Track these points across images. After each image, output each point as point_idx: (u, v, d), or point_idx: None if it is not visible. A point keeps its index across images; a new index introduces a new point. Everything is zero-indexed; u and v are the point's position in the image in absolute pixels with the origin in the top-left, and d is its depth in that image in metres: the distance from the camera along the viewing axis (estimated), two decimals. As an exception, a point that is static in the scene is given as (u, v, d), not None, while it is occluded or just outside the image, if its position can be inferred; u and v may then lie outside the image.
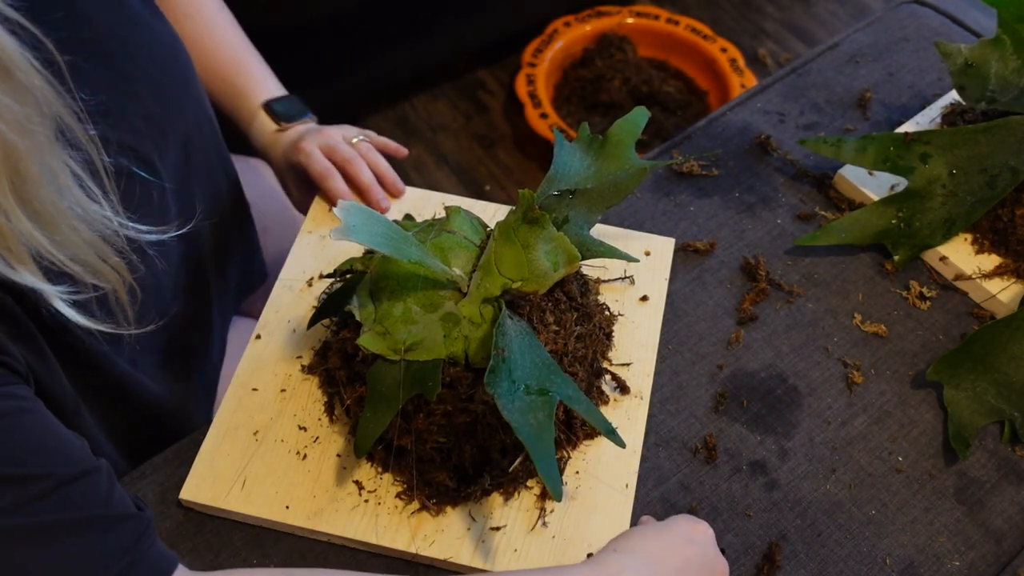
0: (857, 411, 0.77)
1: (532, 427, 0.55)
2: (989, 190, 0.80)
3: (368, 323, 0.63)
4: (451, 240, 0.66)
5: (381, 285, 0.64)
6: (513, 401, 0.56)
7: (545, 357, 0.61)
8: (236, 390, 0.73)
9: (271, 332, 0.76)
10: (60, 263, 0.52)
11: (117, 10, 0.68)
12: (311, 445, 0.70)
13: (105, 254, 0.56)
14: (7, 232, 0.48)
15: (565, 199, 0.71)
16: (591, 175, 0.73)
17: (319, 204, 0.86)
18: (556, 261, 0.65)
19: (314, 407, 0.72)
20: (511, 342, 0.60)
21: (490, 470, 0.67)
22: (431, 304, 0.63)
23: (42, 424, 0.53)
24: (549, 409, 0.57)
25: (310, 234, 0.84)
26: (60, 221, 0.51)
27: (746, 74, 1.74)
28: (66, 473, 0.51)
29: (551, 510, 0.68)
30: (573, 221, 0.71)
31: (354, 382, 0.68)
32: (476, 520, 0.67)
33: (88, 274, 0.55)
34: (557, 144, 0.74)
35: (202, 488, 0.68)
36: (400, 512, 0.67)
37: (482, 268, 0.65)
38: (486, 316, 0.63)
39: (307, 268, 0.81)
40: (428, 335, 0.62)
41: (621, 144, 0.73)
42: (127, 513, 0.53)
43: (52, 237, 0.51)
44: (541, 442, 0.55)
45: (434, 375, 0.61)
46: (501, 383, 0.56)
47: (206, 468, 0.69)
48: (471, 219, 0.69)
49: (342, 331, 0.70)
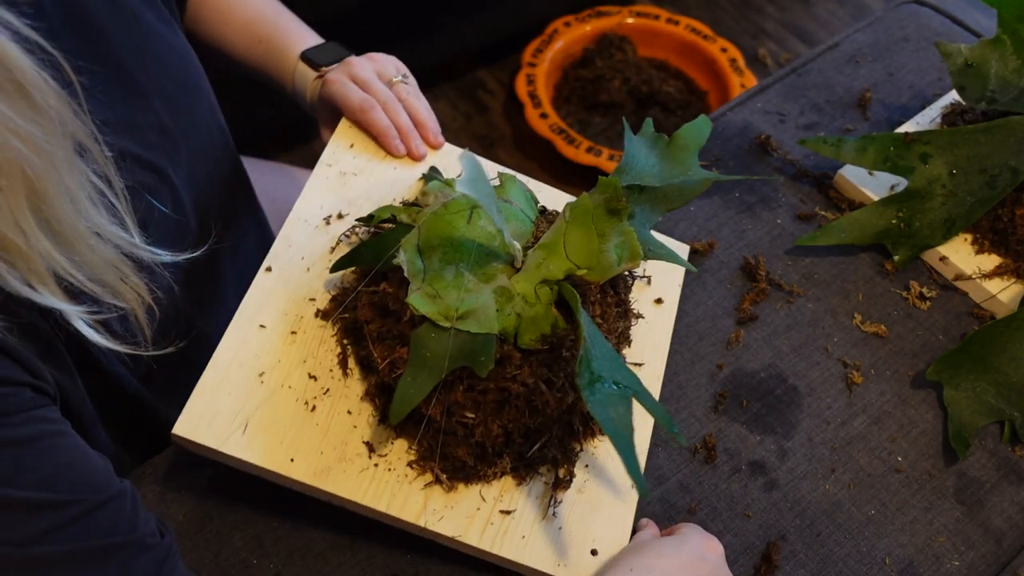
0: (857, 411, 0.77)
1: (615, 422, 0.54)
2: (989, 190, 0.80)
3: (417, 282, 0.60)
4: (508, 211, 0.64)
5: (433, 243, 0.61)
6: (594, 394, 0.55)
7: (610, 348, 0.60)
8: (241, 324, 0.67)
9: (282, 267, 0.71)
10: (80, 283, 0.52)
11: (132, 25, 0.68)
12: (321, 397, 0.66)
13: (124, 274, 0.56)
14: (27, 253, 0.48)
15: (634, 193, 0.69)
16: (656, 174, 0.71)
17: (340, 137, 0.80)
18: (622, 255, 0.63)
19: (326, 356, 0.68)
20: (589, 332, 0.58)
21: (510, 452, 0.65)
22: (484, 274, 0.61)
23: (72, 447, 0.53)
24: (627, 404, 0.56)
25: (329, 167, 0.78)
26: (79, 241, 0.51)
27: (746, 74, 1.74)
28: (95, 499, 0.51)
29: (561, 500, 0.67)
30: (638, 218, 0.69)
31: (386, 340, 0.64)
32: (486, 501, 0.66)
33: (107, 294, 0.55)
34: (627, 135, 0.72)
35: (200, 426, 0.62)
36: (411, 482, 0.65)
37: (546, 248, 0.62)
38: (542, 297, 0.61)
39: (324, 204, 0.75)
40: (481, 305, 0.60)
41: (686, 149, 0.72)
42: (150, 537, 0.54)
43: (71, 257, 0.51)
44: (623, 437, 0.54)
45: (487, 350, 0.59)
46: (585, 373, 0.55)
47: (204, 404, 0.63)
48: (524, 191, 0.66)
49: (382, 283, 0.65)
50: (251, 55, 0.86)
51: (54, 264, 0.50)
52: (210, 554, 0.68)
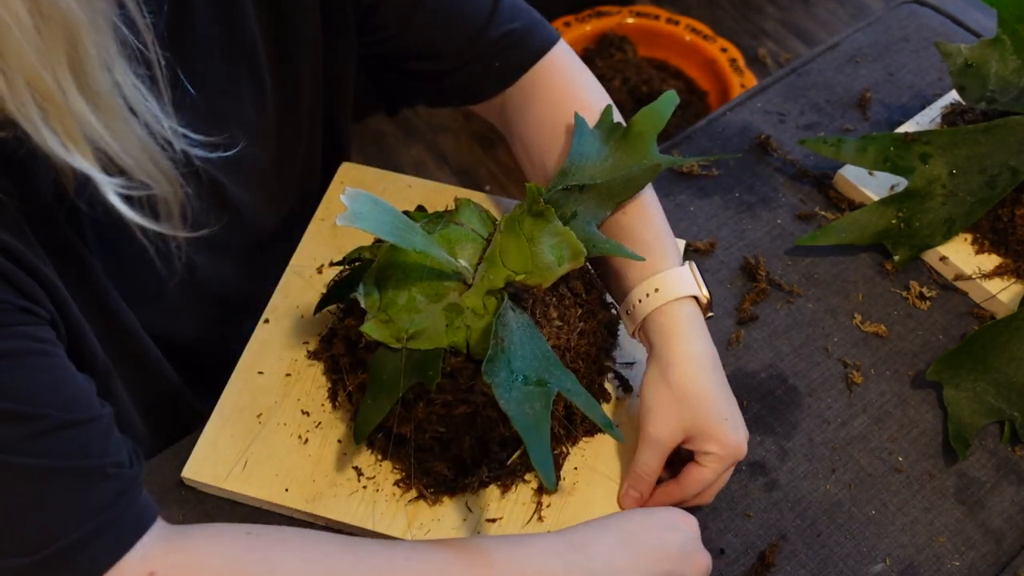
0: (857, 411, 0.77)
1: (528, 416, 0.55)
2: (989, 190, 0.80)
3: (372, 311, 0.63)
4: (458, 232, 0.66)
5: (387, 273, 0.64)
6: (511, 391, 0.56)
7: (546, 349, 0.61)
8: (242, 373, 0.73)
9: (279, 317, 0.77)
10: (114, 154, 0.50)
11: None
12: (313, 430, 0.71)
13: (156, 157, 0.54)
14: (62, 107, 0.47)
15: (574, 194, 0.70)
16: (606, 168, 0.71)
17: (332, 194, 0.85)
18: (561, 256, 0.65)
19: (318, 392, 0.73)
20: (511, 333, 0.60)
21: (488, 462, 0.67)
22: (436, 294, 0.63)
23: (56, 367, 0.53)
24: (546, 400, 0.57)
25: (322, 221, 0.83)
26: (115, 110, 0.50)
27: (746, 74, 1.74)
28: (71, 418, 0.51)
29: (548, 504, 0.68)
30: (581, 217, 0.70)
31: (357, 369, 0.68)
32: (472, 511, 0.67)
33: (141, 172, 0.53)
34: (577, 131, 0.72)
35: (204, 467, 0.69)
36: (398, 500, 0.68)
37: (487, 260, 0.65)
38: (489, 307, 0.63)
39: (317, 255, 0.81)
40: (431, 324, 0.62)
41: (643, 136, 0.71)
42: (119, 465, 0.53)
43: (107, 125, 0.49)
44: (537, 432, 0.55)
45: (435, 364, 0.61)
46: (499, 372, 0.56)
47: (209, 448, 0.70)
48: (480, 212, 0.68)
49: (347, 318, 0.70)
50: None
51: (89, 128, 0.49)
52: (210, 554, 0.68)
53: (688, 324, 0.67)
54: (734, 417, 0.65)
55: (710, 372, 0.66)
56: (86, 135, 0.49)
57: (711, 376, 0.66)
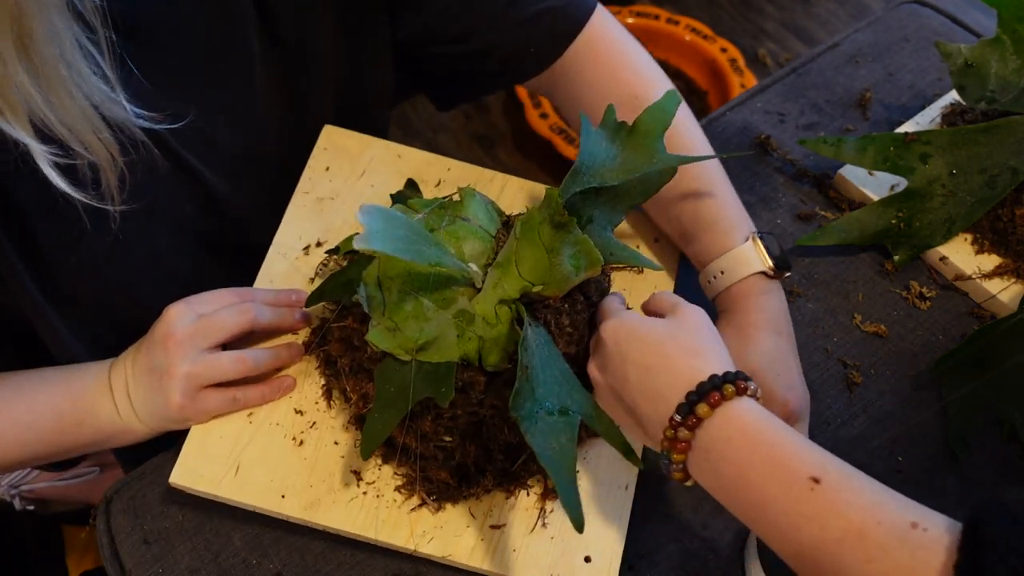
0: (857, 411, 0.77)
1: (555, 451, 0.54)
2: (989, 190, 0.80)
3: (377, 317, 0.60)
4: (466, 229, 0.62)
5: (391, 275, 0.61)
6: (535, 423, 0.54)
7: (564, 369, 0.59)
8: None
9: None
10: (51, 124, 0.52)
11: None
12: (308, 431, 0.68)
13: (98, 128, 0.55)
14: (3, 80, 0.48)
15: (591, 197, 0.67)
16: (617, 168, 0.67)
17: (315, 163, 0.80)
18: (579, 265, 0.62)
19: (311, 389, 0.70)
20: (533, 356, 0.57)
21: (492, 469, 0.66)
22: (444, 300, 0.60)
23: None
24: (571, 432, 0.55)
25: (307, 194, 0.78)
26: (58, 83, 0.51)
27: (746, 74, 1.74)
28: None
29: (551, 510, 0.67)
30: (597, 221, 0.67)
31: (357, 374, 0.66)
32: (475, 518, 0.66)
33: (76, 142, 0.55)
34: (584, 130, 0.68)
35: (194, 472, 0.65)
36: (399, 506, 0.66)
37: (500, 267, 0.62)
38: (502, 317, 0.60)
39: (303, 234, 0.76)
40: (441, 334, 0.60)
41: (649, 135, 0.68)
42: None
43: (47, 96, 0.51)
44: (563, 468, 0.54)
45: (447, 380, 0.58)
46: (524, 404, 0.55)
47: (196, 450, 0.66)
48: (486, 204, 0.65)
49: (346, 318, 0.66)
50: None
51: (29, 99, 0.50)
52: (210, 554, 0.68)
53: (747, 301, 0.71)
54: (788, 378, 0.68)
55: (769, 339, 0.69)
56: (26, 105, 0.50)
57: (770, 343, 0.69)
